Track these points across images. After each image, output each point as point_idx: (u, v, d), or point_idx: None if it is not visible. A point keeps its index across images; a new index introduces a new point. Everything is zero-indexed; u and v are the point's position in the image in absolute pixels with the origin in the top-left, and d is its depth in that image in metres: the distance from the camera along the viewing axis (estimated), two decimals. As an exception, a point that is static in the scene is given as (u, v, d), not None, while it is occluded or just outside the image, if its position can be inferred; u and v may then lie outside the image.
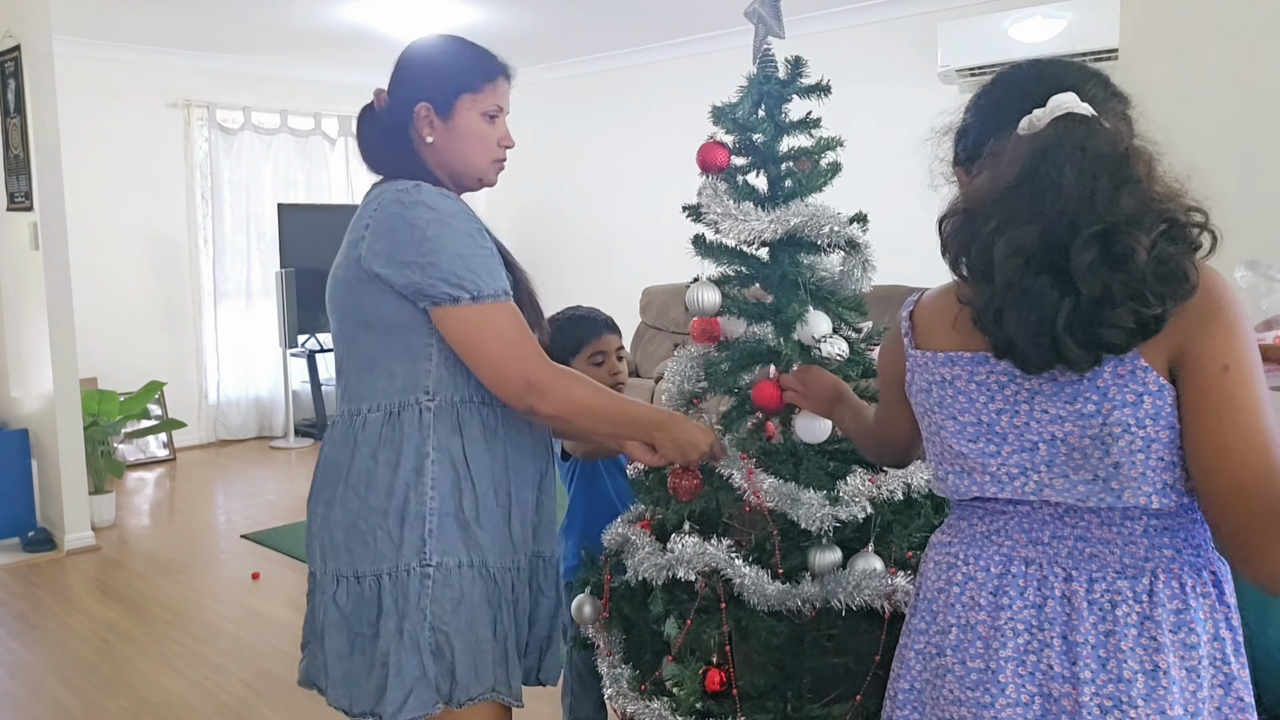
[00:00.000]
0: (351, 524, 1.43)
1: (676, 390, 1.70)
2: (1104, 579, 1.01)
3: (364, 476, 1.43)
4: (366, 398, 1.45)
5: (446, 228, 1.38)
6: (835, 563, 1.52)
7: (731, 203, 1.59)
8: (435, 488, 1.41)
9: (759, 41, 1.64)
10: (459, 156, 1.52)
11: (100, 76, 5.89)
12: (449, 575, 1.42)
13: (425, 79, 1.51)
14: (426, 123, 1.50)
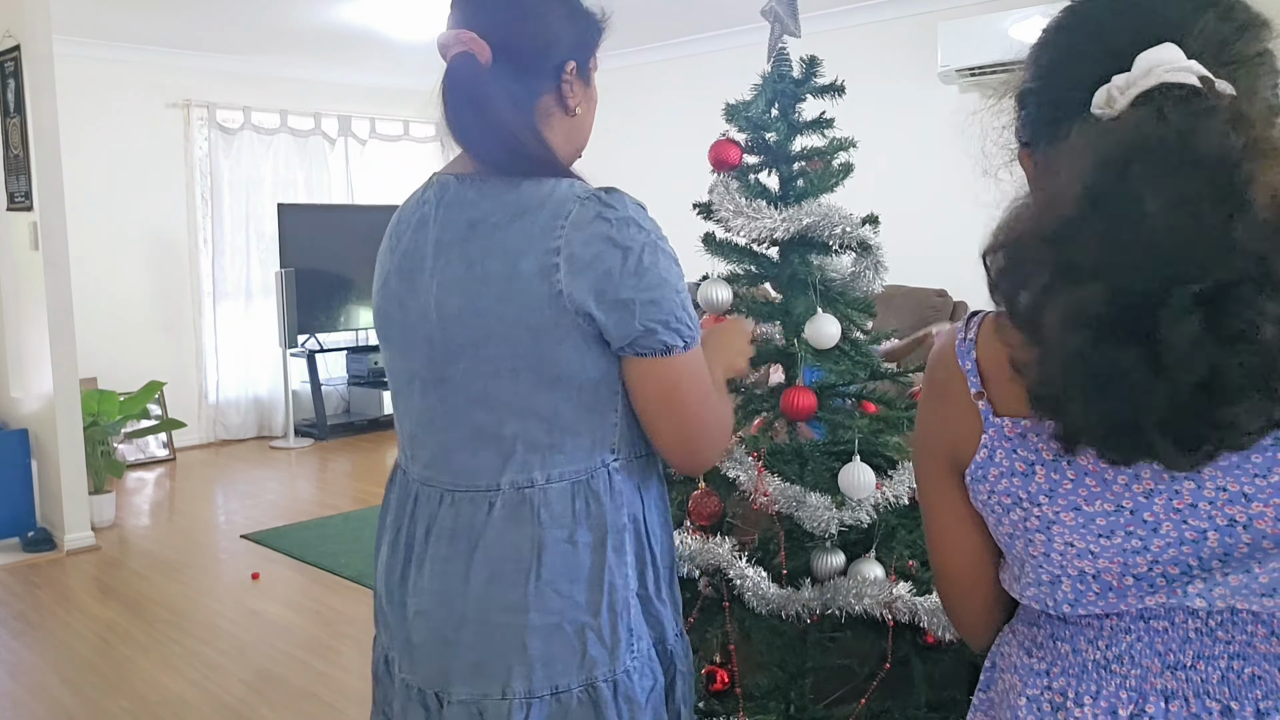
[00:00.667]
0: (554, 629, 1.10)
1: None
2: (1276, 709, 0.75)
3: (562, 567, 1.09)
4: (545, 466, 1.10)
5: (662, 255, 1.07)
6: (839, 567, 1.52)
7: (743, 201, 1.59)
8: (626, 563, 1.12)
9: (774, 40, 1.64)
10: (587, 128, 1.19)
11: (100, 76, 5.89)
12: (641, 664, 1.14)
13: (568, 29, 1.12)
14: (570, 88, 1.13)
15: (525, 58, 1.10)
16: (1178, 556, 0.75)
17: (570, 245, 1.04)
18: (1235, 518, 0.72)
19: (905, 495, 1.56)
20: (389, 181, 7.18)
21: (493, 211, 1.09)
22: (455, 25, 1.11)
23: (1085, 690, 0.80)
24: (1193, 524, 0.74)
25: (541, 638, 1.09)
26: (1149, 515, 0.75)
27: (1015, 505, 0.80)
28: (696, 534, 1.59)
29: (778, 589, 1.52)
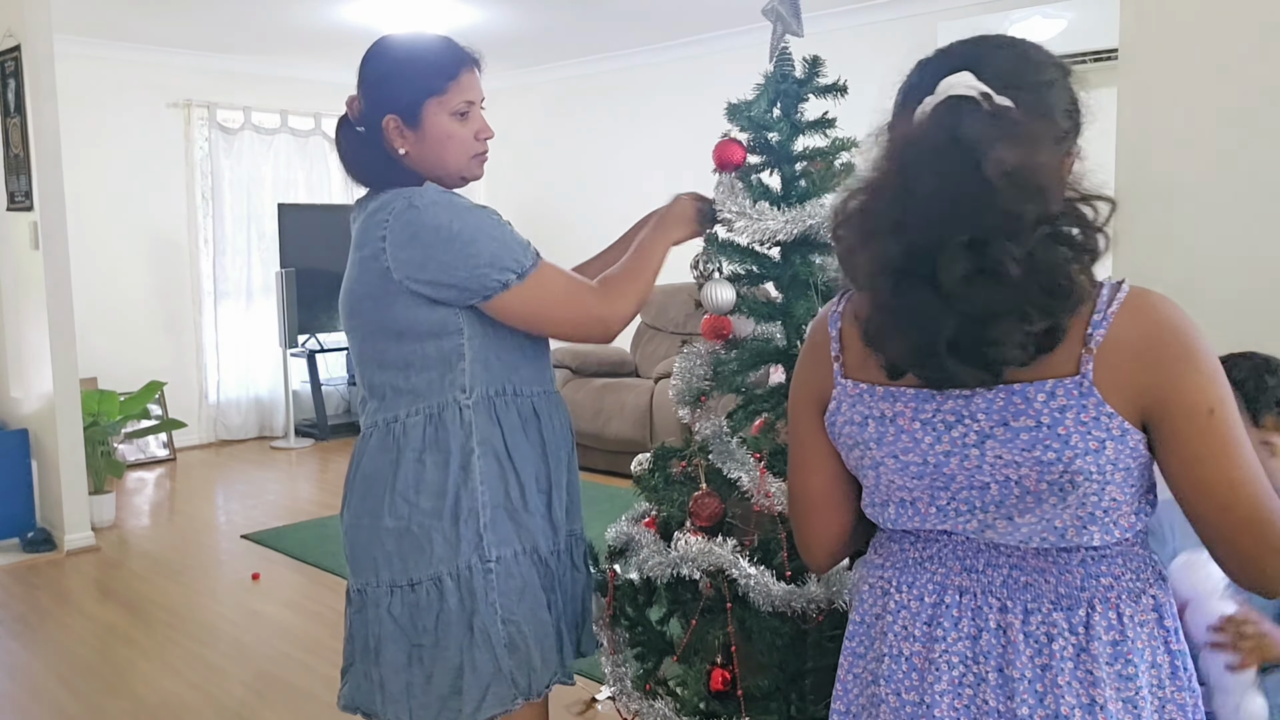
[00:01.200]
0: (404, 530, 1.41)
1: (684, 386, 1.70)
2: (1039, 610, 0.97)
3: (412, 482, 1.42)
4: (400, 404, 1.45)
5: (470, 217, 1.39)
6: (842, 565, 1.52)
7: (747, 201, 1.59)
8: (484, 482, 1.43)
9: (776, 40, 1.64)
10: (435, 161, 1.49)
11: (100, 76, 5.89)
12: (509, 566, 1.43)
13: (388, 89, 1.48)
14: (397, 134, 1.47)
15: (365, 115, 1.50)
16: (969, 498, 0.98)
17: (393, 233, 1.39)
18: (1010, 476, 0.94)
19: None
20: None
21: (363, 216, 1.48)
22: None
23: (903, 580, 1.05)
24: (978, 479, 0.96)
25: (395, 538, 1.42)
26: (947, 470, 0.97)
27: (855, 446, 1.04)
28: (698, 535, 1.59)
29: (783, 586, 1.52)
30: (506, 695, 1.42)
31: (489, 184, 7.58)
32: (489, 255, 1.38)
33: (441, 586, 1.40)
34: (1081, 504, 0.93)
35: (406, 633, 1.42)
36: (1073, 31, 4.48)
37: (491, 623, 1.40)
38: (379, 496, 1.44)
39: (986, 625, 0.98)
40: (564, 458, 1.57)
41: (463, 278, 1.37)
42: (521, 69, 7.02)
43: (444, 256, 1.37)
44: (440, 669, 1.41)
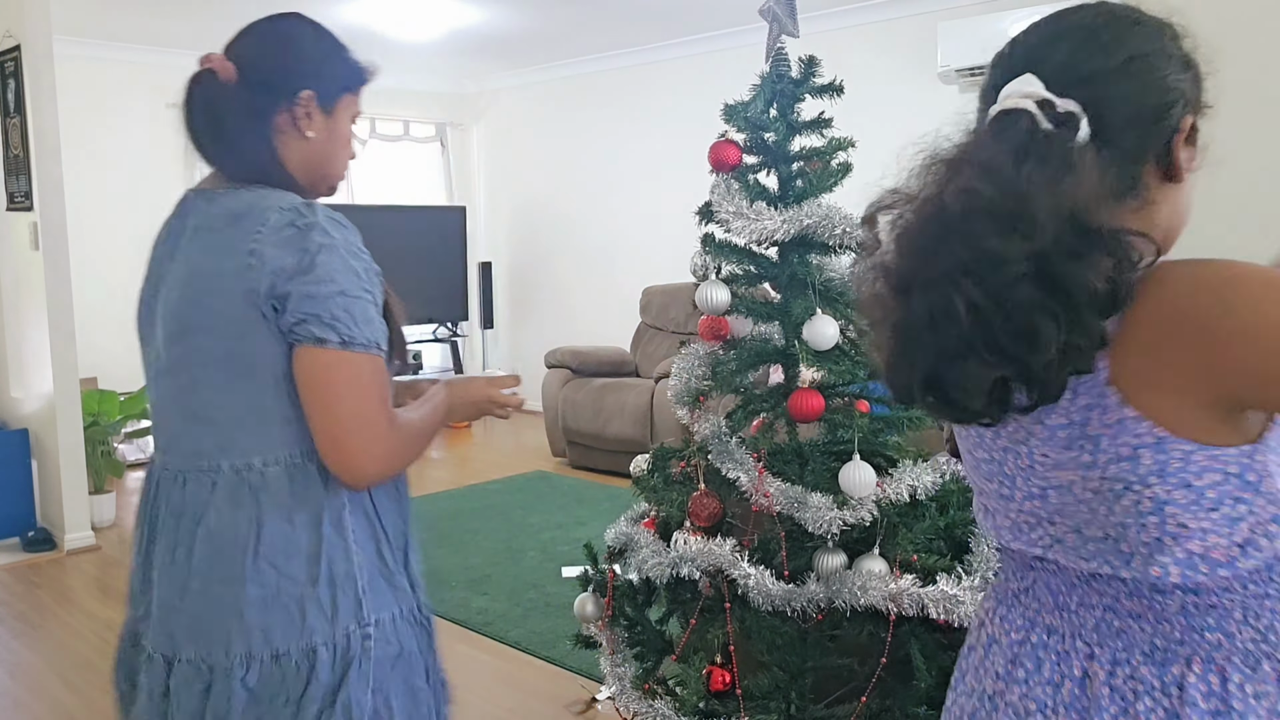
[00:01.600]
0: (270, 600, 1.22)
1: (683, 386, 1.70)
2: (1129, 662, 0.84)
3: (280, 545, 1.22)
4: (259, 450, 1.22)
5: (339, 259, 1.18)
6: (841, 566, 1.52)
7: (744, 202, 1.59)
8: (357, 542, 1.26)
9: (772, 40, 1.64)
10: (329, 157, 1.33)
11: (100, 76, 5.89)
12: (386, 632, 1.28)
13: (316, 63, 1.32)
14: (306, 114, 1.28)
15: (264, 75, 1.27)
16: (1034, 509, 0.88)
17: (261, 246, 1.17)
18: (1062, 481, 0.84)
19: (905, 493, 1.56)
20: (389, 181, 7.18)
21: (215, 217, 1.23)
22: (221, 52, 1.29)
23: (999, 612, 0.97)
24: (1035, 482, 0.86)
25: (258, 608, 1.21)
26: (1008, 468, 0.89)
27: (961, 439, 0.98)
28: (697, 535, 1.59)
29: (782, 585, 1.52)
30: None
31: (489, 182, 7.58)
32: (327, 306, 1.17)
33: (314, 658, 1.23)
34: (1140, 525, 0.80)
35: (262, 706, 1.23)
36: (1072, 31, 4.48)
37: (360, 694, 1.24)
38: (236, 561, 1.21)
39: (1070, 672, 0.88)
40: (409, 512, 1.39)
41: (305, 305, 1.16)
42: (521, 69, 7.02)
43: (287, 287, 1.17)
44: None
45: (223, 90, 1.25)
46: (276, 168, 1.27)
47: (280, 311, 1.17)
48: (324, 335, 1.16)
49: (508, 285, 7.58)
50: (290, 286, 1.16)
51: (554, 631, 3.21)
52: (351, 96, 1.34)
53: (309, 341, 1.17)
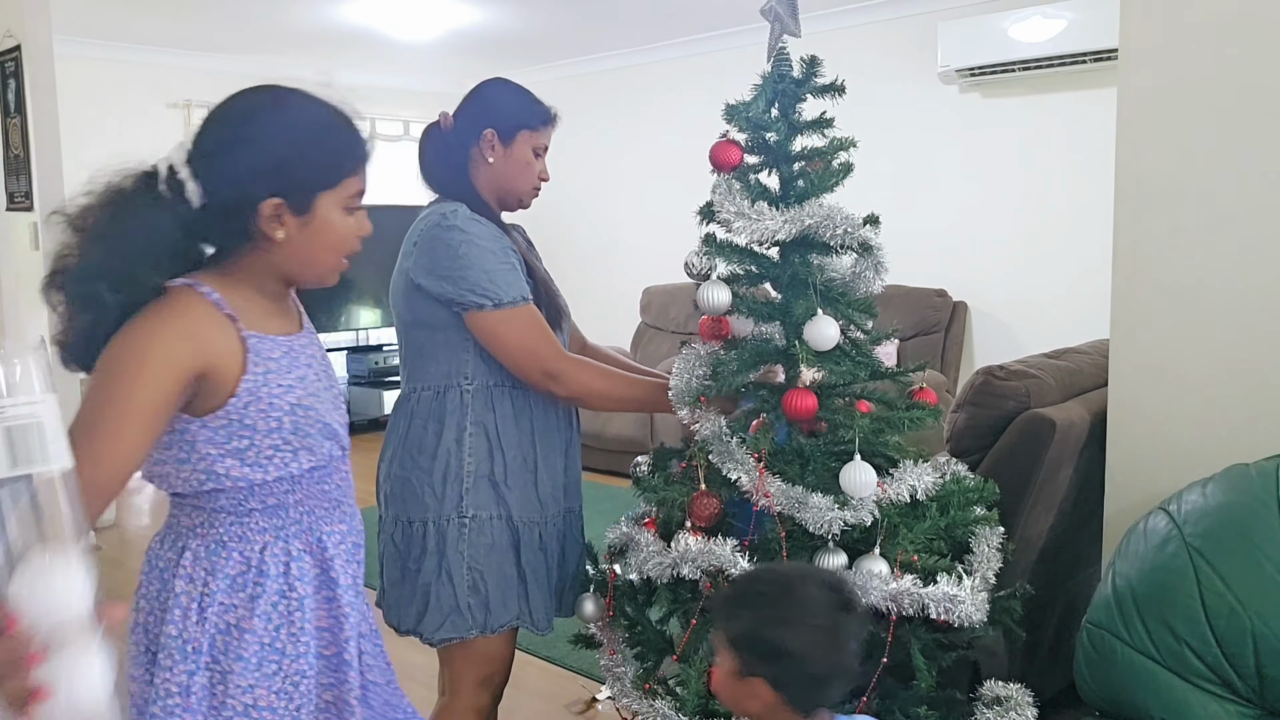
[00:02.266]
0: (406, 479, 1.74)
1: (684, 386, 1.70)
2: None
3: (416, 442, 1.74)
4: (419, 379, 1.76)
5: (474, 247, 1.66)
6: (841, 566, 1.52)
7: (745, 202, 1.59)
8: (472, 454, 1.72)
9: (774, 39, 1.64)
10: (509, 179, 1.78)
11: (100, 76, 5.89)
12: (482, 525, 1.72)
13: (497, 109, 1.77)
14: (490, 145, 1.76)
15: (462, 125, 1.79)
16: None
17: (420, 240, 1.70)
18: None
19: (906, 493, 1.56)
20: (389, 181, 7.18)
21: (416, 222, 1.76)
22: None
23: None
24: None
25: (399, 483, 1.75)
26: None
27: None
28: (698, 535, 1.59)
29: (781, 586, 1.52)
30: (463, 626, 1.72)
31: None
32: (473, 280, 1.65)
33: (425, 529, 1.72)
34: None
35: (402, 556, 1.75)
36: (1073, 31, 4.48)
37: (457, 567, 1.70)
38: (393, 448, 1.77)
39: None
40: (558, 446, 1.83)
41: (448, 289, 1.66)
42: (521, 69, 7.02)
43: (444, 269, 1.66)
44: (418, 592, 1.73)
45: (437, 134, 1.82)
46: (466, 186, 1.77)
47: (434, 287, 1.67)
48: (480, 302, 1.65)
49: (508, 285, 7.58)
50: (443, 270, 1.66)
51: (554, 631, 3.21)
52: (529, 132, 1.77)
53: (471, 308, 1.66)
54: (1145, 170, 2.03)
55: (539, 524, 1.78)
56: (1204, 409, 1.99)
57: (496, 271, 1.66)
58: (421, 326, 1.74)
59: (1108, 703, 1.71)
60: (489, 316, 1.66)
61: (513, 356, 1.69)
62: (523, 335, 1.68)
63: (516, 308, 1.67)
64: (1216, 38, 1.93)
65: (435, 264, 1.67)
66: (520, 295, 1.68)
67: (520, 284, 1.69)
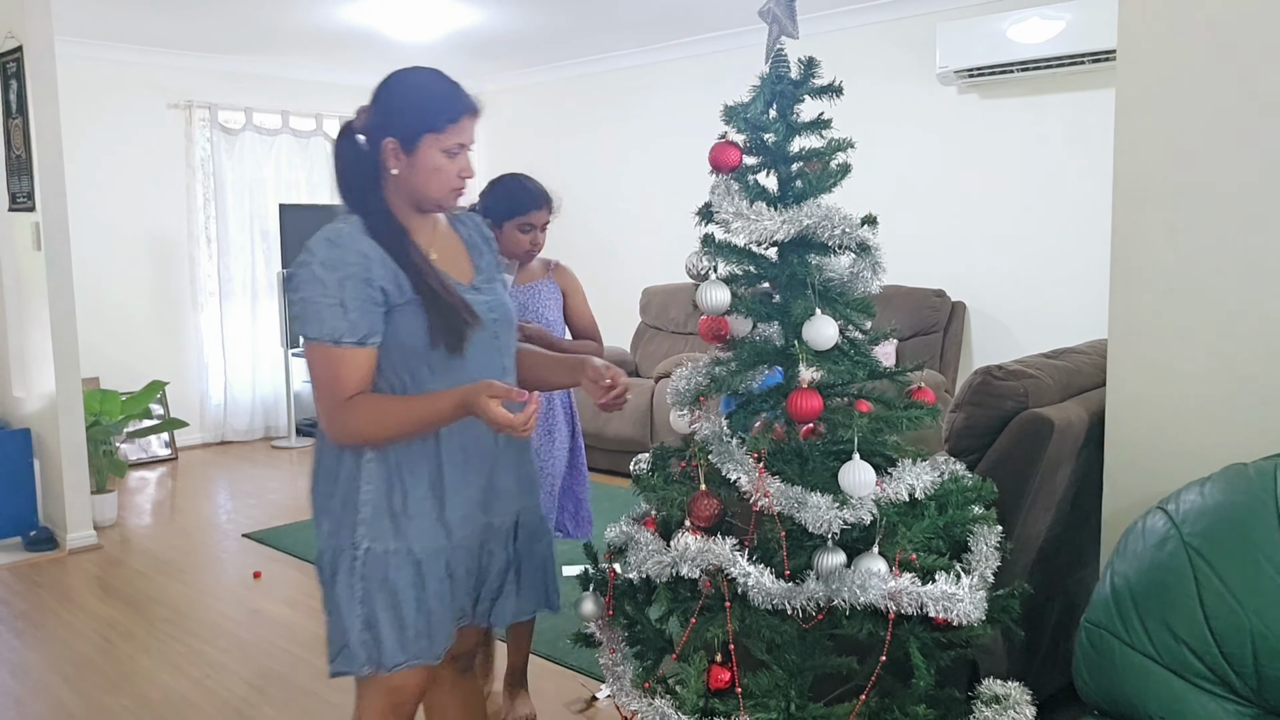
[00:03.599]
0: (317, 504, 1.71)
1: (684, 387, 1.71)
2: None
3: (323, 469, 1.70)
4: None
5: (310, 274, 1.59)
6: (840, 565, 1.52)
7: (744, 202, 1.60)
8: (369, 483, 1.65)
9: (772, 41, 1.64)
10: (418, 187, 1.67)
11: (102, 77, 5.90)
12: (376, 559, 1.64)
13: (395, 116, 1.65)
14: (392, 156, 1.65)
15: (369, 131, 1.68)
16: None
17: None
18: None
19: (905, 492, 1.57)
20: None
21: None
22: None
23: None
24: None
25: (315, 510, 1.70)
26: None
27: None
28: (697, 534, 1.59)
29: (782, 584, 1.52)
30: (355, 663, 1.65)
31: (490, 184, 7.57)
32: (298, 308, 1.61)
33: (323, 559, 1.68)
34: None
35: (321, 582, 1.70)
36: (1072, 31, 4.49)
37: (348, 602, 1.64)
38: (312, 475, 1.74)
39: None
40: (477, 465, 1.72)
41: (292, 308, 1.63)
42: (521, 69, 7.03)
43: (291, 282, 1.63)
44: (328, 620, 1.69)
45: (350, 140, 1.71)
46: (374, 196, 1.71)
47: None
48: (299, 331, 1.61)
49: (508, 285, 7.59)
50: (293, 285, 1.62)
51: (554, 630, 3.22)
52: (434, 135, 1.63)
53: (301, 336, 1.61)
54: (1144, 170, 2.04)
55: (445, 551, 1.68)
56: (1203, 409, 2.00)
57: (313, 303, 1.58)
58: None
59: (1106, 702, 1.72)
60: (305, 348, 1.63)
61: (316, 398, 1.63)
62: (316, 375, 1.61)
63: (320, 345, 1.59)
64: (1215, 38, 1.94)
65: (291, 280, 1.64)
66: (327, 335, 1.58)
67: (333, 322, 1.57)
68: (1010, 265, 4.99)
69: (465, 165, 1.68)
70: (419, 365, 1.65)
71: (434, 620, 1.68)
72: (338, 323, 1.58)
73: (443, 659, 1.72)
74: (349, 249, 1.61)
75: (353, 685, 1.77)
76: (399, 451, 1.65)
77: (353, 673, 1.66)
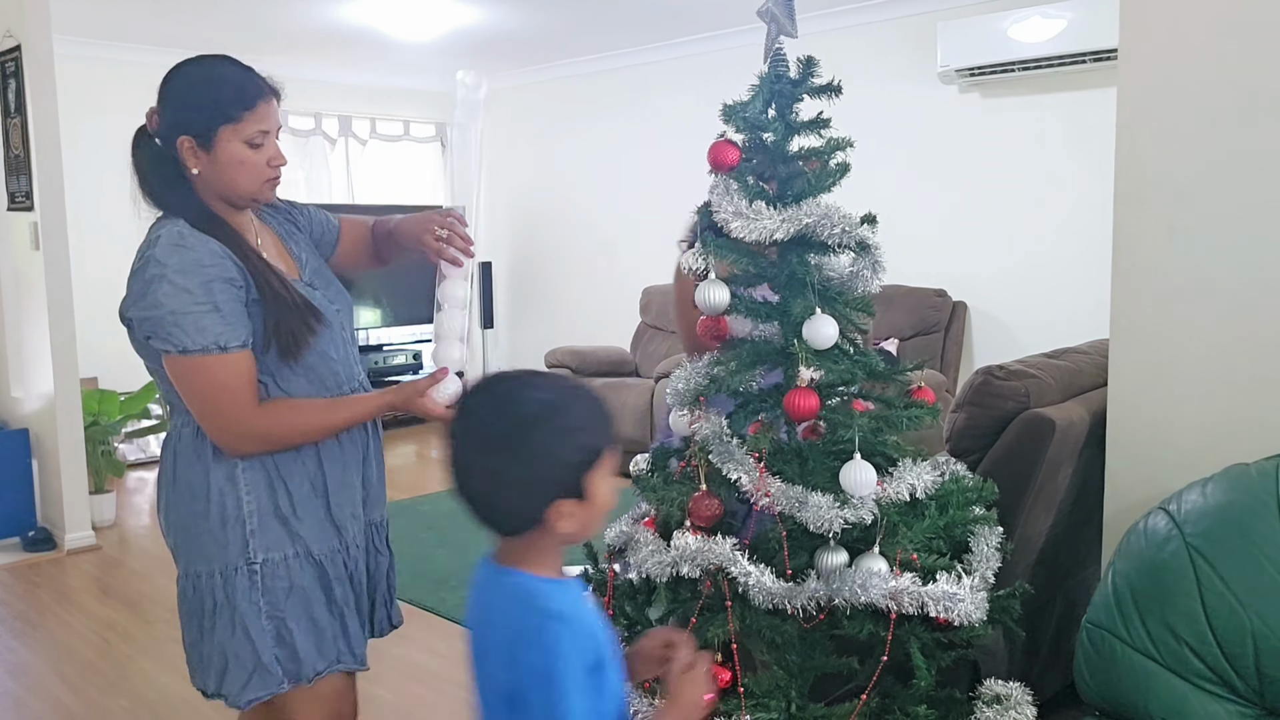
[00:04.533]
0: (184, 526, 1.57)
1: (684, 388, 1.70)
2: None
3: (186, 485, 1.56)
4: (178, 414, 1.59)
5: (166, 284, 1.46)
6: (842, 564, 1.52)
7: (743, 202, 1.59)
8: (250, 491, 1.54)
9: (771, 40, 1.64)
10: (226, 183, 1.55)
11: (101, 76, 5.89)
12: (276, 568, 1.55)
13: (185, 112, 1.55)
14: (190, 154, 1.54)
15: (162, 131, 1.57)
16: None
17: (132, 268, 1.52)
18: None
19: (905, 492, 1.56)
20: (389, 181, 7.19)
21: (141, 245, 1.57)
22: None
23: None
24: None
25: (178, 531, 1.58)
26: None
27: None
28: (697, 534, 1.59)
29: (782, 584, 1.52)
30: (271, 682, 1.55)
31: (489, 182, 7.58)
32: (158, 320, 1.46)
33: (213, 581, 1.55)
34: None
35: (196, 613, 1.58)
36: (1073, 31, 4.48)
37: (254, 619, 1.53)
38: (166, 494, 1.60)
39: None
40: (353, 457, 1.65)
41: (145, 327, 1.48)
42: (521, 69, 7.02)
43: (140, 303, 1.48)
44: (215, 651, 1.56)
45: (147, 142, 1.61)
46: (186, 196, 1.57)
47: (129, 325, 1.51)
48: (164, 347, 1.47)
49: (508, 285, 7.58)
50: (130, 310, 1.50)
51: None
52: (231, 127, 1.52)
53: (163, 352, 1.49)
54: (1145, 170, 2.03)
55: (341, 551, 1.62)
56: (1204, 409, 1.99)
57: (185, 314, 1.45)
58: (157, 362, 1.54)
59: (1107, 702, 1.71)
60: (174, 362, 1.48)
61: (196, 410, 1.51)
62: (205, 388, 1.48)
63: (206, 356, 1.46)
64: (1216, 38, 1.94)
65: (133, 297, 1.49)
66: (211, 342, 1.46)
67: (215, 328, 1.47)
68: (1011, 264, 4.99)
69: (274, 153, 1.56)
70: (280, 364, 1.55)
71: (346, 621, 1.62)
72: (219, 328, 1.47)
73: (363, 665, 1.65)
74: (200, 250, 1.49)
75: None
76: (278, 455, 1.55)
77: (271, 693, 1.55)
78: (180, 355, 1.46)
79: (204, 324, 1.46)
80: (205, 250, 1.50)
